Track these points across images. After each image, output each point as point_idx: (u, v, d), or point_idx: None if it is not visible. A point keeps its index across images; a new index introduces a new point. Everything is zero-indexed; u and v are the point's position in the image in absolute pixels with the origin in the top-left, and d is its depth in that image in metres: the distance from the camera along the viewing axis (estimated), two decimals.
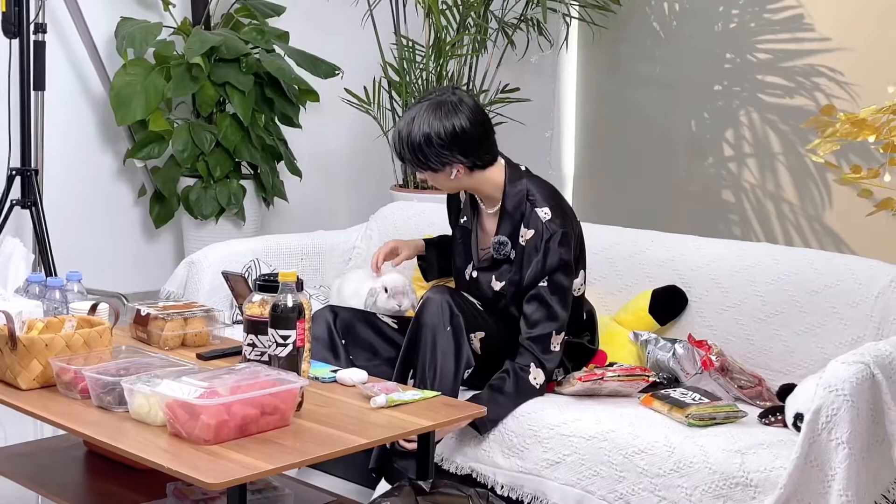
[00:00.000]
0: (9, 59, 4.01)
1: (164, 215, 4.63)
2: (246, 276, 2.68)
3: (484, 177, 2.82)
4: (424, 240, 3.17)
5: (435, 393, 2.40)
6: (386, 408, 2.23)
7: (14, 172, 4.00)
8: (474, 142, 2.75)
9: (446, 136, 2.72)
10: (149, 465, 1.94)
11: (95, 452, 2.59)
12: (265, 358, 2.26)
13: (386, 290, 2.99)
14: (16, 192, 4.02)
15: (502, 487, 2.66)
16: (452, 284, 3.00)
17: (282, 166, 4.73)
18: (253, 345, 2.28)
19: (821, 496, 2.23)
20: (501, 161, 2.86)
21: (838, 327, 2.79)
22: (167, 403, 1.99)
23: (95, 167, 4.63)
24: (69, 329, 2.32)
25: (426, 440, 2.27)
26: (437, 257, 3.14)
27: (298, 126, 4.71)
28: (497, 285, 2.84)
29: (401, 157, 2.82)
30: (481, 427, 2.67)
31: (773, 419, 2.57)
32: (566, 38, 4.90)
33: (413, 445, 2.49)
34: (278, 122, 4.69)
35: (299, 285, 2.24)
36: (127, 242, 4.75)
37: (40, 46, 4.05)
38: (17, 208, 3.99)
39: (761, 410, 2.63)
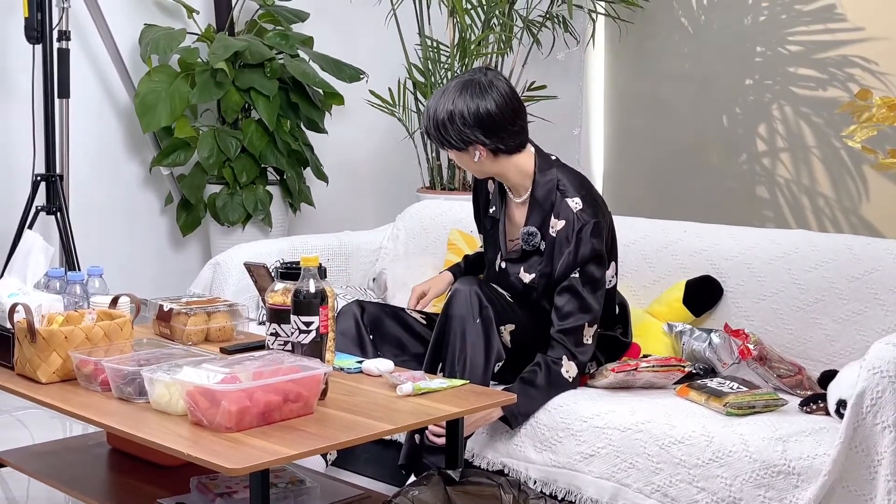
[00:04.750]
0: (32, 65, 4.00)
1: (191, 223, 4.60)
2: (269, 266, 2.63)
3: (511, 163, 2.76)
4: (451, 269, 3.09)
5: (463, 381, 2.34)
6: (413, 396, 2.17)
7: (39, 178, 3.99)
8: (499, 125, 2.69)
9: (469, 115, 2.67)
10: (170, 456, 1.89)
11: (119, 450, 2.54)
12: (289, 347, 2.21)
13: None
14: (41, 200, 4.00)
15: (535, 482, 2.59)
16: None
17: (308, 171, 4.69)
18: (276, 334, 2.23)
19: (867, 482, 2.15)
20: (531, 149, 2.79)
21: (880, 314, 2.71)
22: (188, 392, 1.94)
23: (122, 175, 4.61)
24: (89, 322, 2.27)
25: (455, 429, 2.21)
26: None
27: (324, 131, 4.68)
28: (527, 277, 2.77)
29: (427, 133, 2.79)
30: (512, 421, 2.60)
31: (814, 407, 2.48)
32: (592, 35, 4.85)
33: (442, 441, 2.43)
34: (303, 127, 4.65)
35: (322, 271, 2.18)
36: (154, 250, 4.72)
37: (64, 54, 4.04)
38: (42, 214, 3.98)
39: (802, 398, 2.55)
